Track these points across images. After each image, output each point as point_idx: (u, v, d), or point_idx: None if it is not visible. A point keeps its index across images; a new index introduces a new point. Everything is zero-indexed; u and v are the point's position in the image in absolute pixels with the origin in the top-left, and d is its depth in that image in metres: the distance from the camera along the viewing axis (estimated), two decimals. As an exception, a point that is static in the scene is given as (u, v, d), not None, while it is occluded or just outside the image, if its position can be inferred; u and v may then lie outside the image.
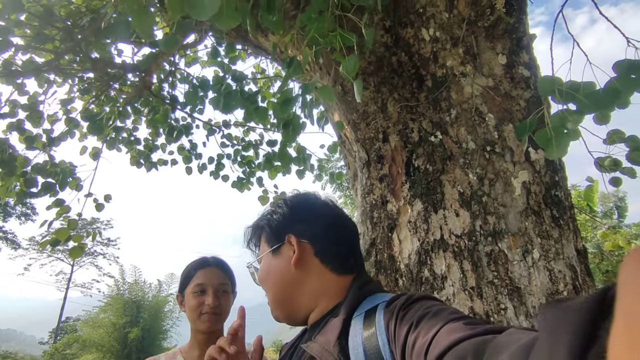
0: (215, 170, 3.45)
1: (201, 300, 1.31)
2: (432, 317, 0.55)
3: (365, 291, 0.75)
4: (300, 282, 0.80)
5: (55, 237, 2.52)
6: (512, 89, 1.53)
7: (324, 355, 0.64)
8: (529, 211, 1.37)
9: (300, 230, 0.82)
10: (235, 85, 1.96)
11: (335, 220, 0.85)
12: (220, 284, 1.36)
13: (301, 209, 0.86)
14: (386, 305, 0.65)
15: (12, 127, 2.37)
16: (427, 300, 0.63)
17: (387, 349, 0.59)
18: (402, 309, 0.61)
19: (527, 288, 1.28)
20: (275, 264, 0.83)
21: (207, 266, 1.39)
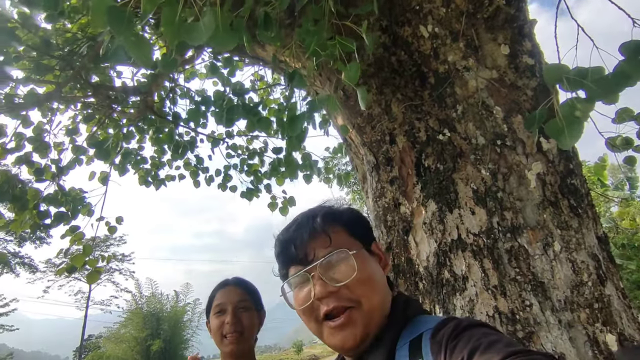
0: (222, 182, 3.46)
1: (222, 320, 1.30)
2: (484, 351, 0.51)
3: (406, 315, 0.70)
4: (387, 292, 0.73)
5: (72, 263, 2.55)
6: (518, 78, 1.50)
7: None
8: (546, 203, 1.35)
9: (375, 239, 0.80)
10: (236, 99, 1.96)
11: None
12: (239, 301, 1.35)
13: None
14: (432, 335, 0.61)
15: (20, 160, 2.40)
16: (476, 328, 0.58)
17: None
18: (450, 340, 0.57)
19: (551, 282, 1.26)
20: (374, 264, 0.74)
21: (226, 285, 1.40)
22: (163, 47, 2.46)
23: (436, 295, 1.41)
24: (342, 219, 0.76)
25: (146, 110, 2.62)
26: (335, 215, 0.76)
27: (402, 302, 0.73)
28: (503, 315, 1.26)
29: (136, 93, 2.60)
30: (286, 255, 0.74)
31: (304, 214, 0.78)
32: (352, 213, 0.79)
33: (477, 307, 1.31)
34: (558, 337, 1.19)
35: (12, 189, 2.07)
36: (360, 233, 0.76)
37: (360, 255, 0.70)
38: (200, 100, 2.39)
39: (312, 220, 0.73)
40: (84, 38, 2.17)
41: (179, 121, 2.88)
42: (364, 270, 0.69)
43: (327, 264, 0.69)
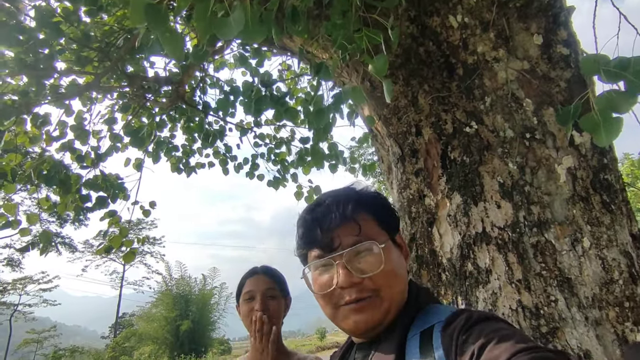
0: (250, 170, 3.54)
1: (251, 307, 1.39)
2: (495, 346, 0.50)
3: (418, 304, 0.70)
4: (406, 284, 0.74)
5: (109, 244, 2.72)
6: (551, 69, 1.46)
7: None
8: (576, 198, 1.32)
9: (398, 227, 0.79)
10: (264, 90, 2.00)
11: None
12: (267, 289, 1.42)
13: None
14: (443, 327, 0.61)
15: (64, 147, 2.56)
16: (488, 322, 0.58)
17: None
18: (461, 333, 0.56)
19: (579, 278, 1.23)
20: (398, 257, 0.73)
21: (255, 274, 1.47)
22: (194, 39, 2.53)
23: (459, 287, 1.42)
24: (373, 207, 0.74)
25: (178, 99, 2.72)
26: (367, 203, 0.74)
27: (413, 291, 0.74)
28: (527, 310, 1.25)
29: (168, 83, 2.70)
30: (310, 237, 0.72)
31: (333, 195, 0.75)
32: (383, 201, 0.77)
33: (500, 300, 1.30)
34: (584, 334, 1.18)
35: (57, 174, 2.22)
36: (388, 223, 0.75)
37: (387, 248, 0.70)
38: (230, 90, 2.45)
39: (343, 205, 0.71)
40: (120, 30, 2.27)
41: (209, 110, 2.97)
42: (389, 263, 0.69)
43: (354, 253, 0.69)
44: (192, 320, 23.53)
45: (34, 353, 28.37)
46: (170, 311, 24.01)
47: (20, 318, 29.39)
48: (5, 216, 2.54)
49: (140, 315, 26.94)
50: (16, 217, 2.58)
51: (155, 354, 22.99)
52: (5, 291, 26.64)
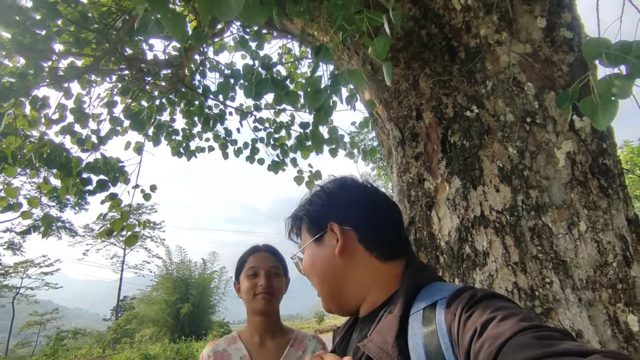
0: (250, 154, 3.54)
1: (254, 282, 1.39)
2: (499, 323, 0.50)
3: (419, 281, 0.71)
4: (347, 272, 0.76)
5: (111, 227, 2.74)
6: (553, 53, 1.45)
7: (382, 357, 0.61)
8: (574, 182, 1.33)
9: (341, 217, 0.78)
10: (265, 73, 1.99)
11: (377, 204, 0.81)
12: (271, 267, 1.43)
13: (340, 194, 0.82)
14: (446, 304, 0.60)
15: (64, 130, 2.55)
16: (492, 299, 0.58)
17: (451, 353, 0.55)
18: (464, 311, 0.56)
19: (574, 261, 1.26)
20: (320, 254, 0.80)
21: (258, 251, 1.48)
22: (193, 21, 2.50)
23: (456, 269, 1.44)
24: (300, 220, 0.87)
25: (177, 82, 2.70)
26: (296, 220, 0.88)
27: (415, 268, 0.75)
28: (522, 291, 1.28)
29: (167, 66, 2.68)
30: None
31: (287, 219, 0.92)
32: (308, 208, 0.85)
33: (496, 282, 1.33)
34: (577, 314, 1.21)
35: (58, 157, 2.22)
36: (313, 224, 0.83)
37: (307, 252, 0.84)
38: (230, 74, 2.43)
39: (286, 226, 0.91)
40: (119, 12, 2.24)
41: (209, 94, 2.95)
42: (307, 265, 0.83)
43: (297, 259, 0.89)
44: (192, 304, 23.83)
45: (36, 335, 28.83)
46: (170, 294, 24.30)
47: (22, 301, 29.75)
48: (6, 199, 2.55)
49: (141, 299, 27.27)
50: (17, 200, 2.59)
51: (156, 336, 23.36)
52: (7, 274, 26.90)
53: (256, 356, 1.35)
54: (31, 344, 28.29)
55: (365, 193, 0.83)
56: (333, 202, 0.81)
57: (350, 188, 0.84)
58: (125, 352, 17.74)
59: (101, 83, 3.08)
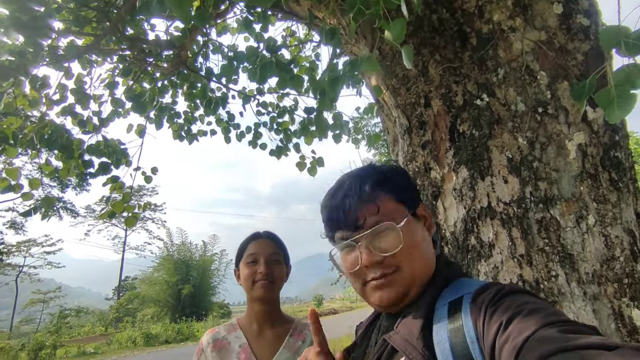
0: (253, 139, 3.51)
1: (254, 270, 1.37)
2: (524, 317, 0.50)
3: (446, 276, 0.71)
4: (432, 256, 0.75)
5: (112, 209, 2.74)
6: (568, 41, 1.40)
7: (407, 348, 0.61)
8: (584, 175, 1.31)
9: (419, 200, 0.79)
10: (269, 56, 1.94)
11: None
12: (271, 254, 1.41)
13: (412, 180, 0.82)
14: (472, 299, 0.61)
15: (65, 111, 2.52)
16: (518, 295, 0.58)
17: (477, 346, 0.55)
18: (490, 305, 0.57)
19: (581, 254, 1.25)
20: (420, 230, 0.75)
21: (259, 238, 1.45)
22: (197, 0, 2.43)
23: (461, 260, 1.43)
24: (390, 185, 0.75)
25: (180, 64, 2.64)
26: (384, 182, 0.75)
27: (443, 264, 0.75)
28: (527, 284, 1.27)
29: (170, 47, 2.62)
30: (333, 220, 0.76)
31: (352, 176, 0.77)
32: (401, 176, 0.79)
33: (501, 274, 1.32)
34: (581, 308, 1.20)
35: (59, 138, 2.19)
36: (407, 197, 0.76)
37: (406, 225, 0.71)
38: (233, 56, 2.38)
39: (361, 187, 0.74)
40: (120, -11, 2.17)
41: (212, 76, 2.90)
42: (409, 239, 0.70)
43: (375, 233, 0.71)
44: (192, 285, 24.19)
45: (40, 312, 29.36)
46: (171, 276, 24.64)
47: (25, 279, 30.19)
48: (7, 180, 2.54)
49: (143, 279, 27.67)
50: (18, 181, 2.58)
51: (157, 316, 23.79)
52: (10, 253, 27.20)
53: (255, 345, 1.35)
54: (35, 321, 28.86)
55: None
56: (412, 183, 0.81)
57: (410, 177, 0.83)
58: (128, 331, 18.10)
59: (102, 63, 3.03)
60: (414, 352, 0.60)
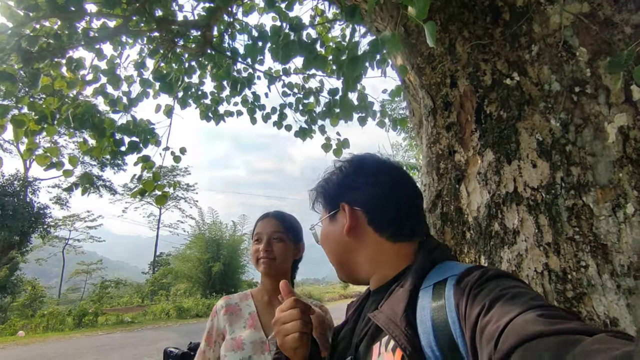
0: (278, 120, 3.51)
1: (257, 247, 1.45)
2: (507, 301, 0.50)
3: (433, 258, 0.72)
4: (355, 250, 0.80)
5: (143, 187, 2.84)
6: (616, 12, 1.28)
7: (390, 326, 0.63)
8: (624, 160, 1.21)
9: (353, 197, 0.81)
10: (293, 35, 1.91)
11: (392, 186, 0.80)
12: (273, 232, 1.46)
13: (355, 175, 0.83)
14: (457, 281, 0.61)
15: (97, 92, 2.61)
16: (503, 279, 0.58)
17: (457, 327, 0.56)
18: (474, 288, 0.57)
19: (615, 245, 1.16)
20: (332, 230, 0.84)
21: (266, 217, 1.52)
22: (222, -21, 2.42)
23: (483, 246, 1.38)
24: (320, 195, 0.89)
25: (206, 45, 2.66)
26: (317, 193, 0.90)
27: (429, 247, 0.75)
28: (553, 273, 1.21)
29: (196, 27, 2.63)
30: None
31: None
32: (324, 185, 0.88)
33: (525, 262, 1.27)
34: (614, 301, 1.13)
35: (91, 117, 2.29)
36: (327, 201, 0.86)
37: (322, 226, 0.88)
38: (258, 36, 2.36)
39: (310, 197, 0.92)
40: (148, -31, 2.19)
41: (237, 57, 2.90)
42: (321, 238, 0.89)
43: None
44: (222, 263, 25.02)
45: (84, 282, 31.52)
46: (203, 253, 25.58)
47: (71, 251, 32.39)
48: (49, 158, 2.68)
49: (176, 256, 28.93)
50: (59, 158, 2.72)
51: (189, 291, 24.91)
52: (57, 226, 29.15)
53: (263, 314, 1.45)
54: (80, 289, 31.06)
55: (381, 174, 0.81)
56: (347, 183, 0.83)
57: (366, 169, 0.83)
58: (162, 304, 19.12)
59: (133, 45, 3.09)
60: (397, 330, 0.61)
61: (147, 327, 14.14)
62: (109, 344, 10.46)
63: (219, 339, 1.43)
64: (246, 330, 1.39)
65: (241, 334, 1.38)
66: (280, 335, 0.80)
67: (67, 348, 9.85)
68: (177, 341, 10.29)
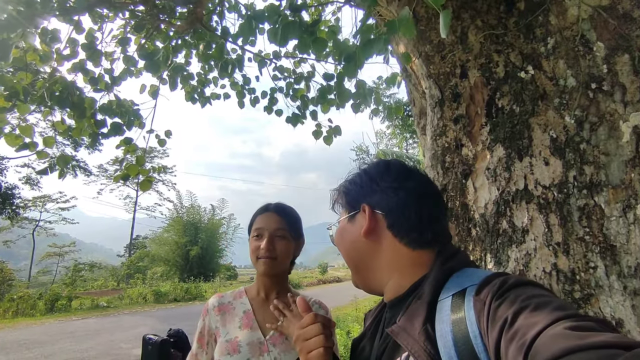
0: (268, 104, 3.38)
1: (258, 244, 1.33)
2: (531, 312, 0.47)
3: (450, 267, 0.68)
4: (371, 253, 0.78)
5: (126, 172, 2.69)
6: (635, 7, 1.24)
7: (409, 343, 0.60)
8: (637, 160, 1.19)
9: (375, 200, 0.79)
10: (292, 16, 1.79)
11: (417, 192, 0.78)
12: (276, 229, 1.35)
13: (381, 178, 0.81)
14: (476, 292, 0.58)
15: (76, 67, 2.41)
16: (524, 287, 0.54)
17: (480, 341, 0.53)
18: (495, 299, 0.54)
19: (624, 246, 1.15)
20: (349, 230, 0.83)
21: (267, 211, 1.39)
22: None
23: (489, 244, 1.36)
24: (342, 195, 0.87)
25: (194, 22, 2.49)
26: (339, 193, 0.88)
27: (447, 254, 0.72)
28: (561, 274, 1.20)
29: (184, 3, 2.46)
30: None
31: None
32: (347, 186, 0.86)
33: (533, 261, 1.25)
34: (620, 303, 1.13)
35: (70, 96, 2.11)
36: (348, 202, 0.84)
37: (340, 228, 0.86)
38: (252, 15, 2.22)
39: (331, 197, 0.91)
40: None
41: (228, 37, 2.74)
42: (337, 237, 0.87)
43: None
44: (201, 247, 24.80)
45: (56, 265, 30.60)
46: (180, 237, 25.24)
47: (42, 233, 31.24)
48: (21, 138, 2.48)
49: (153, 239, 28.44)
50: (32, 139, 2.53)
51: (166, 275, 24.61)
52: (27, 207, 28.00)
53: (259, 312, 1.35)
54: (51, 272, 30.14)
55: (407, 180, 0.80)
56: (372, 185, 0.82)
57: (392, 174, 0.81)
58: (138, 287, 18.79)
59: (114, 19, 2.88)
60: (416, 346, 0.59)
61: (123, 312, 13.88)
62: (84, 329, 10.21)
63: (212, 340, 1.33)
64: (242, 331, 1.30)
65: (236, 335, 1.29)
66: (303, 352, 0.77)
67: (38, 334, 9.55)
68: (155, 327, 10.15)
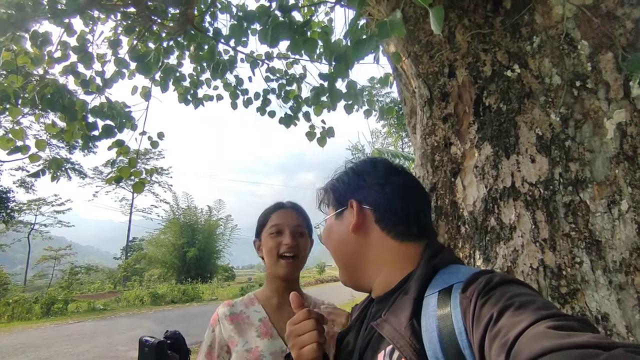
0: (261, 106, 3.38)
1: (278, 241, 1.27)
2: (515, 311, 0.48)
3: (435, 264, 0.69)
4: (360, 249, 0.79)
5: (119, 174, 2.69)
6: (618, 6, 1.26)
7: (395, 337, 0.61)
8: (621, 157, 1.21)
9: (363, 196, 0.81)
10: (282, 16, 1.80)
11: (403, 188, 0.80)
12: (297, 226, 1.30)
13: (367, 175, 0.83)
14: (462, 289, 0.59)
15: (67, 70, 2.41)
16: (509, 285, 0.56)
17: (465, 338, 0.54)
18: (480, 296, 0.55)
19: (609, 242, 1.17)
20: (337, 227, 0.83)
21: (283, 208, 1.35)
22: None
23: (478, 241, 1.37)
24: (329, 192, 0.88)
25: (186, 23, 2.50)
26: (324, 192, 0.90)
27: (433, 251, 0.73)
28: (548, 269, 1.21)
29: (176, 4, 2.46)
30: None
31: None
32: (335, 183, 0.87)
33: (520, 257, 1.26)
34: (605, 297, 1.15)
35: (61, 98, 2.10)
36: (336, 198, 0.85)
37: (327, 226, 0.87)
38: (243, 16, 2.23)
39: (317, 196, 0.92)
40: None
41: (220, 37, 2.75)
42: (324, 235, 0.88)
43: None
44: (198, 248, 24.73)
45: (52, 268, 30.42)
46: (177, 238, 25.17)
47: (37, 236, 31.06)
48: (13, 141, 2.48)
49: (149, 241, 28.33)
50: (24, 142, 2.52)
51: (163, 276, 24.52)
52: (21, 211, 27.81)
53: (275, 318, 1.29)
54: (47, 276, 29.95)
55: (393, 176, 0.82)
56: (359, 181, 0.83)
57: (378, 170, 0.83)
58: (135, 290, 18.72)
59: (105, 21, 2.88)
60: (402, 340, 0.60)
61: (120, 315, 13.83)
62: (81, 332, 10.16)
63: (223, 352, 1.25)
64: (262, 340, 1.22)
65: (257, 344, 1.21)
66: (296, 347, 0.77)
67: (34, 338, 9.50)
68: (152, 329, 10.11)
